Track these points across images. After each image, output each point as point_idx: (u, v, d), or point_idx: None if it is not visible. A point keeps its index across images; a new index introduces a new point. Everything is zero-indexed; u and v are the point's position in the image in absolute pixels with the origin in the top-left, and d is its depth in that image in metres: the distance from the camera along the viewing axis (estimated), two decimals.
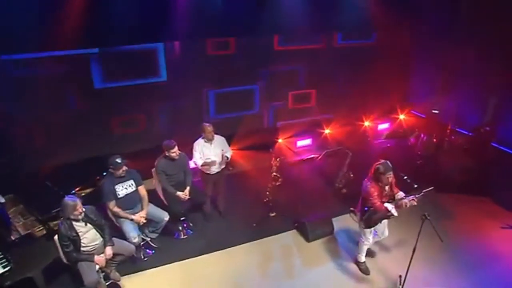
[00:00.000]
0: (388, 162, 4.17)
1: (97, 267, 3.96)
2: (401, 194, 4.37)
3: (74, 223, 3.79)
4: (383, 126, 8.39)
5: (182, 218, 5.28)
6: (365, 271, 4.76)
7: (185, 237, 5.36)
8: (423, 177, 5.40)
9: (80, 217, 3.77)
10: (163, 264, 4.88)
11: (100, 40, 5.52)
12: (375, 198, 4.19)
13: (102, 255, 3.98)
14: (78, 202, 3.72)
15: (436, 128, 7.32)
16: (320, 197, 6.04)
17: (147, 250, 4.98)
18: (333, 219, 5.58)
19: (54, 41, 4.93)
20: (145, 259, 4.91)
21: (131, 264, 4.78)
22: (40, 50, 5.25)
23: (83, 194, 4.93)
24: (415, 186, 4.18)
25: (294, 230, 5.53)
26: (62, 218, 3.78)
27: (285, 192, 6.09)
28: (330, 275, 4.75)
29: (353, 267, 4.86)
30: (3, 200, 4.71)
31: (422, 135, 7.33)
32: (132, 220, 4.48)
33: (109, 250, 4.02)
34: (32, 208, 4.61)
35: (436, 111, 7.68)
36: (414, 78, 8.84)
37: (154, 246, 4.99)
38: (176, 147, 4.76)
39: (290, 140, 7.57)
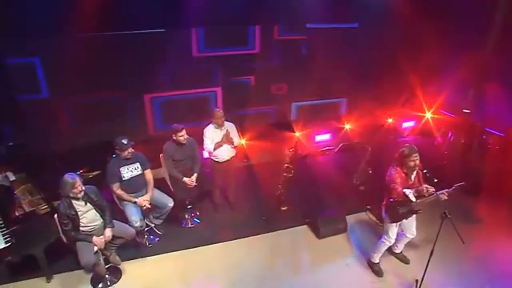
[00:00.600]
0: (414, 145, 3.84)
1: (95, 248, 3.86)
2: (430, 189, 3.99)
3: (73, 201, 3.71)
4: (408, 124, 7.90)
5: (189, 207, 5.13)
6: (378, 272, 4.42)
7: (192, 226, 5.23)
8: (448, 178, 5.10)
9: (79, 195, 3.68)
10: (167, 252, 4.76)
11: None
12: (397, 184, 3.87)
13: (101, 236, 3.89)
14: (78, 180, 3.63)
15: (466, 128, 6.82)
16: (335, 192, 5.72)
17: (152, 237, 4.88)
18: (348, 217, 5.28)
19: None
20: (150, 245, 4.81)
21: (134, 249, 4.71)
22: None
23: (90, 176, 4.88)
24: (435, 180, 3.81)
25: (305, 226, 5.26)
26: (62, 196, 3.70)
27: (299, 185, 5.81)
28: (338, 275, 4.45)
29: (364, 268, 4.54)
30: (13, 178, 4.75)
31: (449, 134, 6.83)
32: (135, 203, 4.37)
33: (108, 232, 3.92)
34: (40, 187, 4.60)
35: (468, 111, 7.19)
36: (444, 75, 8.31)
37: (159, 232, 4.87)
38: (184, 131, 4.61)
39: (308, 135, 7.26)
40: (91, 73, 5.48)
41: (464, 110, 7.26)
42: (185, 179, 4.74)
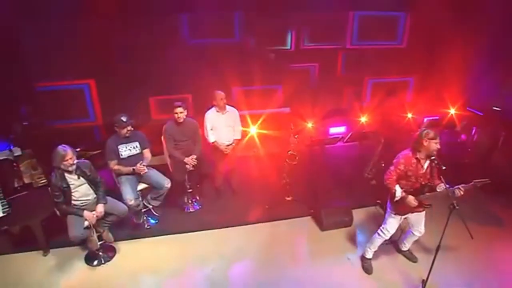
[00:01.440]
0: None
1: (86, 223, 3.83)
2: (443, 186, 3.62)
3: (66, 174, 3.70)
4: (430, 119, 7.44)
5: (189, 190, 5.03)
6: (367, 269, 4.12)
7: (193, 210, 5.12)
8: (470, 176, 4.73)
9: (70, 168, 3.65)
10: (165, 235, 4.69)
11: None
12: (394, 171, 3.59)
13: (93, 212, 3.85)
14: (69, 153, 3.60)
15: (492, 125, 6.30)
16: (342, 184, 5.44)
17: (150, 219, 4.82)
18: (356, 210, 4.99)
19: None
20: (148, 227, 4.75)
21: (132, 230, 4.67)
22: None
23: (90, 154, 4.88)
24: (444, 168, 3.47)
25: (309, 217, 5.02)
26: (54, 168, 3.69)
27: (305, 175, 5.59)
28: (337, 269, 4.18)
29: None
30: (19, 153, 4.84)
31: (473, 131, 6.34)
32: (133, 171, 4.29)
33: (100, 208, 3.87)
34: (42, 162, 4.66)
35: (498, 108, 6.67)
36: (474, 71, 7.76)
37: (156, 214, 4.80)
38: (181, 108, 4.53)
39: (322, 126, 6.96)
40: None
41: (494, 108, 6.76)
42: (186, 158, 4.64)
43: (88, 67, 5.78)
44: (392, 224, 3.87)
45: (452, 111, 7.39)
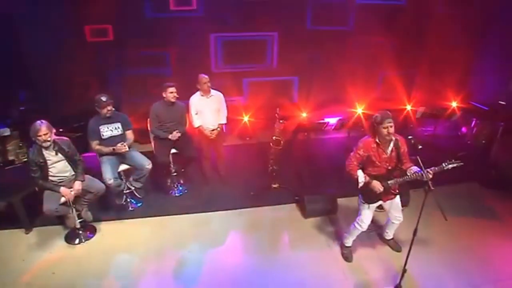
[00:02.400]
0: (388, 111, 3.39)
1: (63, 199, 3.86)
2: (414, 169, 3.50)
3: (43, 150, 3.73)
4: None
5: (174, 174, 5.02)
6: (347, 257, 4.02)
7: (178, 195, 5.11)
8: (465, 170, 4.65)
9: (44, 144, 3.67)
10: (147, 217, 4.69)
11: None
12: (354, 156, 3.53)
13: (70, 189, 3.87)
14: (43, 128, 3.61)
15: (494, 119, 6.07)
16: (330, 172, 5.32)
17: (134, 202, 4.83)
18: (342, 199, 4.85)
19: None
20: (132, 209, 4.76)
21: (115, 212, 4.70)
22: None
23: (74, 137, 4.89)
24: (420, 147, 3.34)
25: (294, 204, 4.94)
26: (32, 143, 3.73)
27: (291, 162, 5.50)
28: (316, 256, 4.07)
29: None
30: (8, 133, 4.93)
31: (473, 123, 6.12)
32: (113, 150, 4.29)
33: (77, 185, 3.89)
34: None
35: (503, 103, 6.43)
36: (478, 62, 7.50)
37: (139, 196, 4.80)
38: (173, 88, 4.53)
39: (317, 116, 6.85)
40: None
41: (500, 102, 6.52)
42: (170, 136, 4.64)
43: None
44: (365, 214, 3.75)
45: (454, 104, 7.18)
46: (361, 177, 3.54)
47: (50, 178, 3.83)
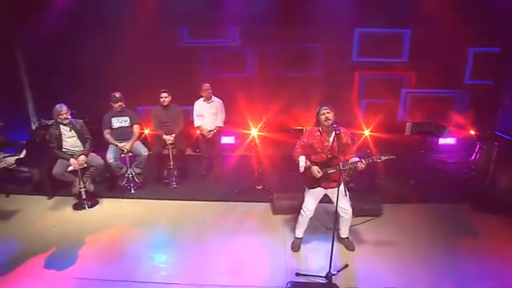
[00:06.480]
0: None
1: (71, 167, 4.89)
2: (354, 159, 3.79)
3: (61, 126, 4.85)
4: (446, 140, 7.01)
5: (170, 167, 5.77)
6: (294, 247, 4.21)
7: (175, 186, 5.80)
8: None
9: (65, 121, 4.80)
10: (142, 199, 5.49)
11: None
12: (299, 143, 3.90)
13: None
14: (64, 109, 4.76)
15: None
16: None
17: (135, 186, 5.63)
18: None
19: None
20: (133, 192, 5.60)
21: (119, 192, 5.59)
22: None
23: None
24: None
25: (269, 203, 5.27)
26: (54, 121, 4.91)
27: (279, 167, 5.98)
28: (267, 245, 4.35)
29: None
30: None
31: (478, 145, 5.84)
32: (117, 146, 5.28)
33: (82, 157, 4.90)
34: None
35: None
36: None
37: (137, 181, 5.63)
38: (166, 93, 5.45)
39: None
40: None
41: None
42: (165, 136, 5.49)
43: None
44: (308, 200, 4.01)
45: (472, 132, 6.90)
46: (302, 161, 3.84)
47: (64, 149, 4.91)
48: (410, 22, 6.77)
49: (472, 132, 6.81)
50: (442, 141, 6.94)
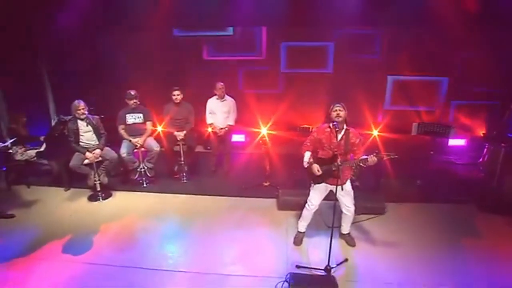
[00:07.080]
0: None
1: (87, 161, 5.16)
2: (362, 157, 3.87)
3: (78, 120, 5.13)
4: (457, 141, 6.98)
5: (181, 162, 5.98)
6: (296, 241, 4.33)
7: (185, 181, 6.01)
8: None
9: (82, 116, 5.07)
10: (153, 192, 5.72)
11: None
12: (309, 138, 4.01)
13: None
14: (81, 104, 5.04)
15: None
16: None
17: (147, 180, 5.87)
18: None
19: None
20: (145, 186, 5.85)
21: (131, 186, 5.84)
22: None
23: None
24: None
25: (275, 199, 5.40)
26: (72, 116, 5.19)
27: (286, 164, 6.13)
28: (270, 238, 4.50)
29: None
30: None
31: (486, 147, 5.81)
32: (130, 141, 5.53)
33: (97, 151, 5.17)
34: None
35: None
36: None
37: (149, 175, 5.86)
38: (177, 91, 5.65)
39: None
40: None
41: None
42: (176, 133, 5.70)
43: None
44: (313, 194, 4.13)
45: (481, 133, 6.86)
46: (306, 157, 3.98)
47: (81, 143, 5.18)
48: None
49: (481, 133, 6.75)
50: (452, 142, 6.91)
